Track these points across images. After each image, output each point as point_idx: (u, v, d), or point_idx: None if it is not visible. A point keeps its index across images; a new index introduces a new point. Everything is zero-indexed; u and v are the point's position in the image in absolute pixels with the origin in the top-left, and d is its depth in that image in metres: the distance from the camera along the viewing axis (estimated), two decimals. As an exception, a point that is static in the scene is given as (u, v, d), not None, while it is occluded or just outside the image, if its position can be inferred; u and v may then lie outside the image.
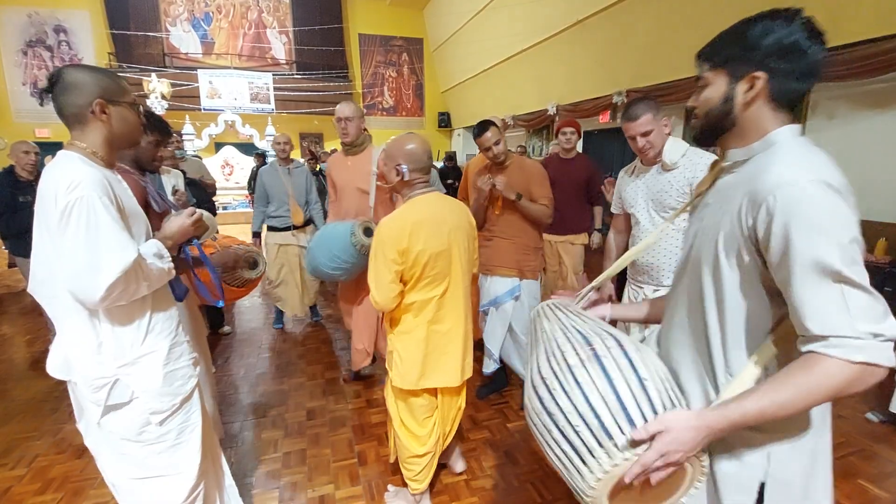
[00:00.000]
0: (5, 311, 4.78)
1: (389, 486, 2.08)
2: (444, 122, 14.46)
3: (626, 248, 2.23)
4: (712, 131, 0.90)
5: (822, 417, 0.87)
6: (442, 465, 2.20)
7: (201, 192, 3.85)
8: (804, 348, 0.74)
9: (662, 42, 5.96)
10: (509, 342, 2.65)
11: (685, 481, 0.87)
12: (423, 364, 1.71)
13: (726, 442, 0.87)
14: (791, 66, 0.79)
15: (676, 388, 0.88)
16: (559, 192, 3.23)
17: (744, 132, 0.86)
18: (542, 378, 0.91)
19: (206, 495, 1.50)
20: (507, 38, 9.37)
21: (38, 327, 4.21)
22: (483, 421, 2.65)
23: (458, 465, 2.19)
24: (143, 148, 1.80)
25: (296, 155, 6.11)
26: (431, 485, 2.10)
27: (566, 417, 0.84)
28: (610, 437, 0.80)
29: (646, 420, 0.79)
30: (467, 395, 2.86)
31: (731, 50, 0.84)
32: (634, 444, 0.79)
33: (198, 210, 1.48)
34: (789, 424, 0.85)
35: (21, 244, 3.36)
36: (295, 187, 3.80)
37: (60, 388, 3.02)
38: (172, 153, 3.76)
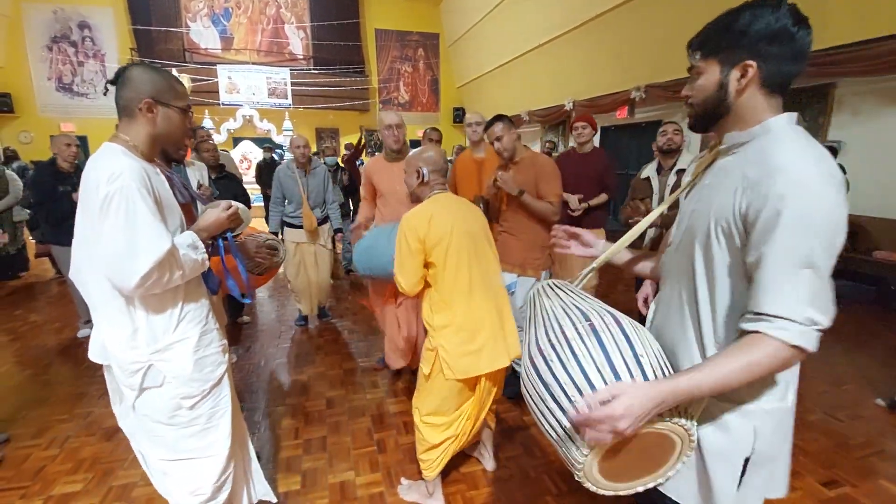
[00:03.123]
0: (35, 300, 4.93)
1: (403, 480, 2.10)
2: (460, 117, 14.44)
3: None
4: (707, 118, 0.93)
5: (793, 392, 0.93)
6: (467, 455, 2.24)
7: (237, 186, 3.91)
8: (750, 327, 0.80)
9: (681, 36, 5.84)
10: None
11: (674, 454, 0.91)
12: (470, 352, 1.76)
13: (716, 417, 0.92)
14: (781, 51, 0.82)
15: (669, 365, 0.91)
16: (576, 188, 3.24)
17: (739, 118, 0.88)
18: (540, 350, 0.94)
19: (234, 478, 1.56)
20: (524, 33, 9.32)
21: (67, 315, 4.35)
22: (499, 413, 2.68)
23: (489, 463, 2.20)
24: None
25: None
26: (448, 473, 2.14)
27: (562, 388, 0.87)
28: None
29: None
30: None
31: (721, 39, 0.87)
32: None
33: (234, 203, 1.51)
34: (772, 398, 0.90)
35: (59, 232, 3.49)
36: (312, 190, 3.76)
37: (88, 373, 3.12)
38: (214, 146, 3.83)
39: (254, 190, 8.94)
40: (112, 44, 11.44)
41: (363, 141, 6.74)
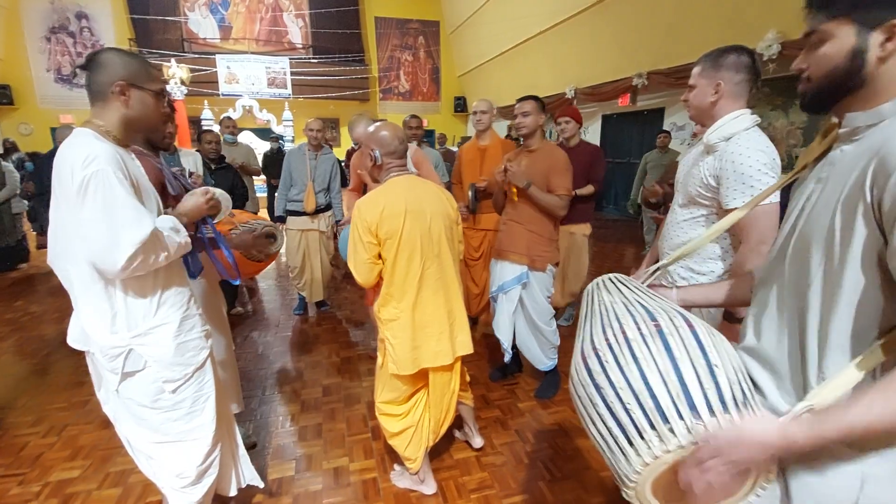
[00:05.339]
0: (35, 291, 4.96)
1: (395, 466, 2.11)
2: (461, 106, 14.34)
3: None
4: (832, 94, 0.76)
5: None
6: (454, 439, 2.25)
7: (234, 177, 3.92)
8: None
9: (685, 22, 5.79)
10: (526, 331, 2.60)
11: (745, 486, 0.75)
12: (414, 347, 1.75)
13: (810, 453, 0.73)
14: None
15: (750, 383, 0.76)
16: None
17: (872, 93, 0.71)
18: (595, 348, 0.83)
19: (221, 462, 1.56)
20: (525, 19, 9.21)
21: (66, 306, 4.32)
22: (495, 401, 2.69)
23: (476, 440, 2.22)
24: None
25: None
26: (441, 458, 2.15)
27: (616, 393, 0.76)
28: (665, 420, 0.70)
29: (711, 409, 0.69)
30: (481, 376, 2.91)
31: None
32: (696, 435, 0.69)
33: (211, 189, 1.52)
34: (892, 442, 0.69)
35: None
36: (319, 173, 3.81)
37: (86, 362, 3.13)
38: (218, 138, 3.83)
39: (259, 181, 8.95)
40: (110, 34, 11.37)
41: None
